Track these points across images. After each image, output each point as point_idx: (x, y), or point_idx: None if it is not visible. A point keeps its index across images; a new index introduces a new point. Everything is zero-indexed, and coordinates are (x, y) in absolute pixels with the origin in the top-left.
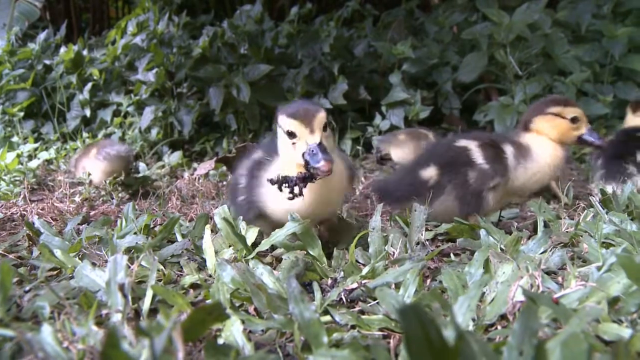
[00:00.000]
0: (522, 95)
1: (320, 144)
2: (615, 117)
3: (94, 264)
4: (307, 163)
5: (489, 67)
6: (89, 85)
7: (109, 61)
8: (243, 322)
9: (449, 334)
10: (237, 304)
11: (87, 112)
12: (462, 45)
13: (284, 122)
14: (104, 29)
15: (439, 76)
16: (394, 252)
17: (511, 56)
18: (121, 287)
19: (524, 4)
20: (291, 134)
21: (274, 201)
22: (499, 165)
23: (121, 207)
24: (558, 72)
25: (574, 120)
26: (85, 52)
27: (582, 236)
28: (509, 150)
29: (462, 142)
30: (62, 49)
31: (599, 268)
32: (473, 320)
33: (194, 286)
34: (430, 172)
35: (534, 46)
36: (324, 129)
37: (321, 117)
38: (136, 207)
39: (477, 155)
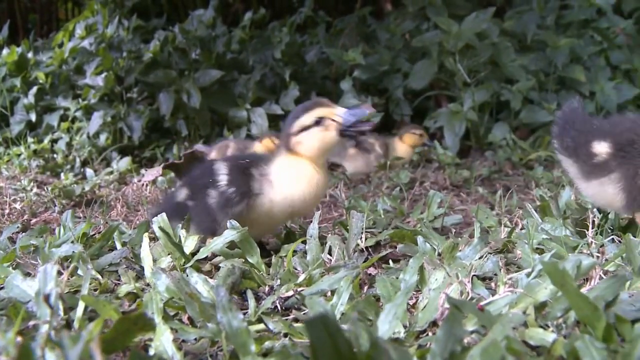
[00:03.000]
0: (471, 102)
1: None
2: None
3: (28, 274)
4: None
5: (439, 75)
6: (35, 89)
7: (56, 64)
8: (176, 331)
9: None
10: (171, 313)
11: (33, 117)
12: (413, 53)
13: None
14: (52, 31)
15: (390, 83)
16: (330, 260)
17: (460, 64)
18: (46, 298)
19: (472, 13)
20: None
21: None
22: None
23: None
24: (505, 80)
25: None
26: (30, 55)
27: (516, 242)
28: None
29: None
30: (5, 51)
31: (528, 274)
32: (405, 327)
33: (131, 295)
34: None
35: (482, 54)
36: None
37: None
38: (80, 214)
39: None
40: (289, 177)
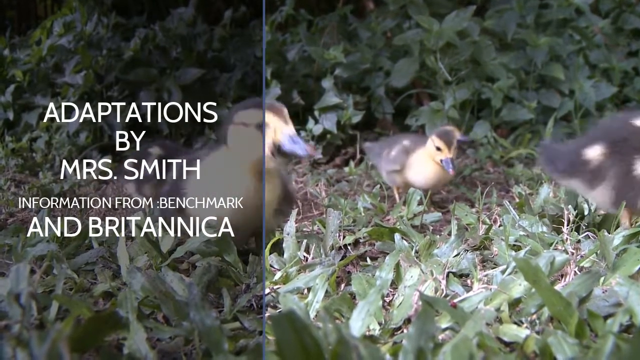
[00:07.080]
0: (452, 101)
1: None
2: (539, 122)
3: (2, 274)
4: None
5: (420, 73)
6: (12, 87)
7: (34, 62)
8: (151, 329)
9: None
10: (147, 312)
11: (10, 115)
12: (395, 51)
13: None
14: (30, 28)
15: (372, 81)
16: (306, 258)
17: (441, 62)
18: (16, 297)
19: (453, 12)
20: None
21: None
22: None
23: None
24: (486, 78)
25: None
26: (7, 52)
27: (494, 239)
28: None
29: None
30: None
31: (503, 271)
32: (380, 324)
33: (107, 294)
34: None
35: (463, 53)
36: None
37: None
38: (57, 213)
39: None
40: (218, 188)
